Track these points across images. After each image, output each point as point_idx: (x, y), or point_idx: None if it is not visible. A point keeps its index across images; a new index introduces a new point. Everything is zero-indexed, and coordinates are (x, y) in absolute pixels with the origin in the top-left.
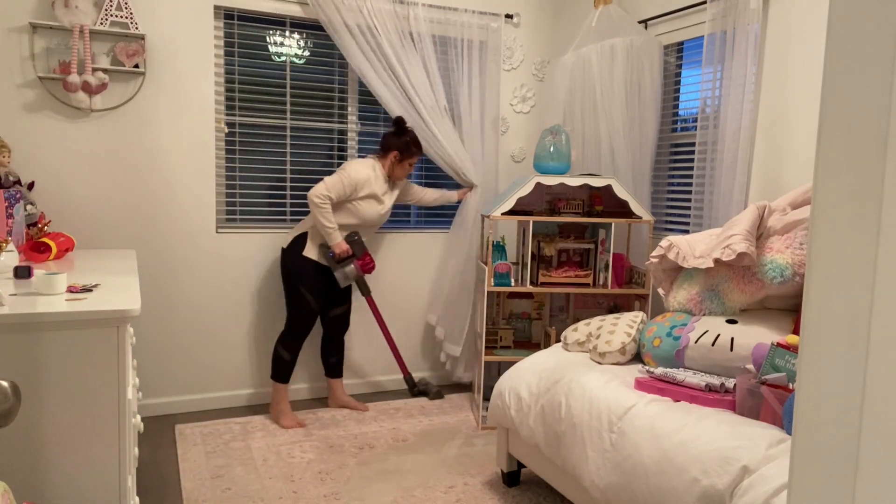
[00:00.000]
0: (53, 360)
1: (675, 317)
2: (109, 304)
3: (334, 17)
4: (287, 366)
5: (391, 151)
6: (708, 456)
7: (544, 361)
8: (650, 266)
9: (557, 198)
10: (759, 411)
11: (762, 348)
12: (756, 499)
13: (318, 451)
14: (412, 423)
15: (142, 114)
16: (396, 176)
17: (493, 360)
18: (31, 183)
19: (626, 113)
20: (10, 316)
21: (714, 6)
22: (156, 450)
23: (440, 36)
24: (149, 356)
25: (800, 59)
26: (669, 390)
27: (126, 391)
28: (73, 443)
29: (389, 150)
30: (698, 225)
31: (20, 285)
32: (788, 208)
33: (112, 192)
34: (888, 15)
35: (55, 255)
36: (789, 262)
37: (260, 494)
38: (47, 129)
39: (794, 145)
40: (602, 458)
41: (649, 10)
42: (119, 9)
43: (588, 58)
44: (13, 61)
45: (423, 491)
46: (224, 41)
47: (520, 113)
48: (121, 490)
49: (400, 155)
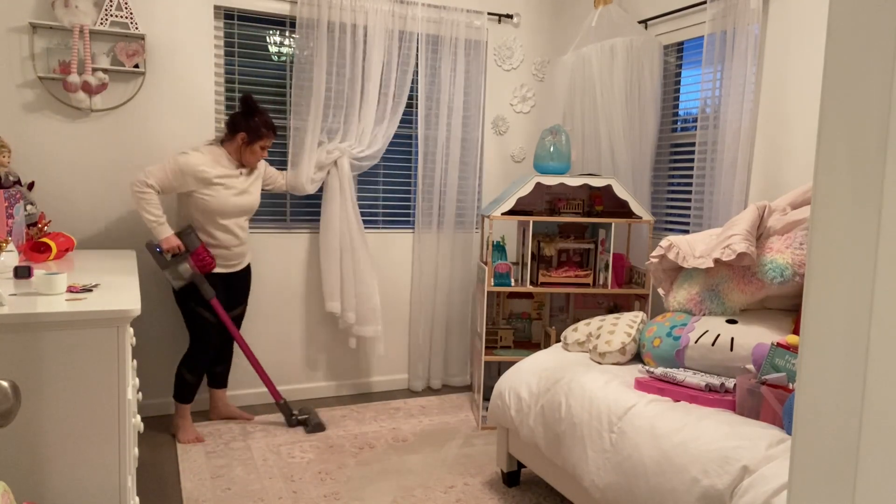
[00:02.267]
0: (53, 360)
1: (675, 317)
2: (109, 304)
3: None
4: (191, 388)
5: (238, 133)
6: (708, 456)
7: (544, 361)
8: (650, 266)
9: (557, 198)
10: (759, 411)
11: (762, 348)
12: (756, 499)
13: (318, 451)
14: (412, 423)
15: (142, 114)
16: (247, 162)
17: (493, 360)
18: (31, 183)
19: (626, 113)
20: (10, 316)
21: (714, 6)
22: (156, 450)
23: (434, 35)
24: (149, 356)
25: (800, 59)
26: (669, 390)
27: (126, 391)
28: (73, 443)
29: (236, 131)
30: (698, 225)
31: (20, 285)
32: (788, 208)
33: (112, 192)
34: (888, 15)
35: (55, 255)
36: (789, 262)
37: (260, 494)
38: (47, 129)
39: (794, 145)
40: (602, 458)
41: (649, 10)
42: (119, 9)
43: (588, 58)
44: (13, 61)
45: (423, 491)
46: (224, 41)
47: (520, 113)
48: (121, 490)
49: (248, 137)
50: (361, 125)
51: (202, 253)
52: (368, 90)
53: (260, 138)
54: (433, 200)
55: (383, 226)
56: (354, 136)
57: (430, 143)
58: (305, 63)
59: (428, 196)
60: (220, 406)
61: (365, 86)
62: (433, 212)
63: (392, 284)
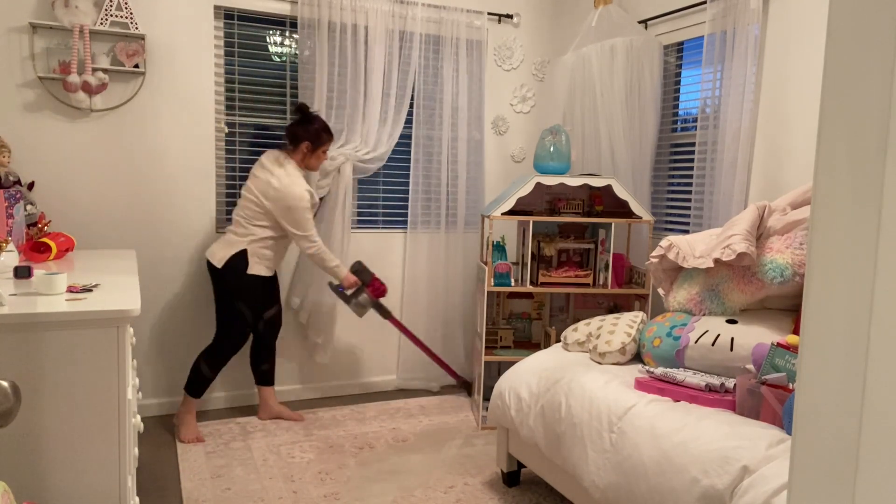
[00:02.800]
0: (53, 360)
1: (675, 317)
2: (109, 304)
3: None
4: (206, 382)
5: (302, 142)
6: (708, 456)
7: (544, 361)
8: (650, 266)
9: (557, 198)
10: (759, 411)
11: (762, 348)
12: (756, 499)
13: (318, 451)
14: (412, 423)
15: (142, 114)
16: (311, 167)
17: (493, 360)
18: (31, 183)
19: (626, 113)
20: (10, 316)
21: (714, 6)
22: (156, 450)
23: (434, 35)
24: (149, 356)
25: (800, 59)
26: (669, 390)
27: (126, 391)
28: (73, 443)
29: (299, 141)
30: (698, 225)
31: (20, 285)
32: (788, 208)
33: (112, 192)
34: (888, 15)
35: (55, 255)
36: (789, 262)
37: (260, 494)
38: (47, 129)
39: (794, 145)
40: (602, 458)
41: (649, 10)
42: (119, 9)
43: (588, 58)
44: (13, 61)
45: (423, 491)
46: (224, 41)
47: (520, 113)
48: (121, 490)
49: (312, 145)
50: (366, 126)
51: (376, 283)
52: (371, 90)
53: (322, 143)
54: (432, 200)
55: (383, 226)
56: (359, 137)
57: (430, 143)
58: (307, 63)
59: (427, 196)
60: (271, 404)
61: (367, 86)
62: (432, 212)
63: (391, 284)
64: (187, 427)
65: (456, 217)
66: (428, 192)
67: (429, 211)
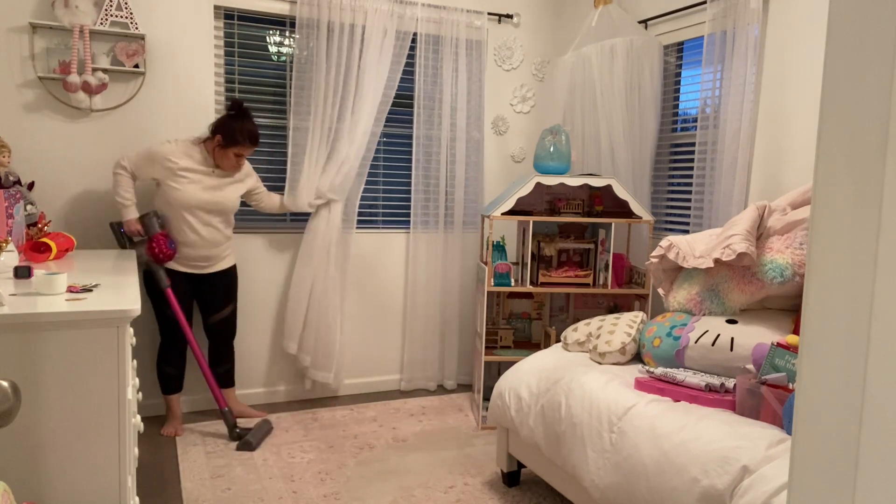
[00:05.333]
0: (53, 360)
1: (675, 317)
2: (109, 304)
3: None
4: (171, 378)
5: (216, 134)
6: (708, 456)
7: (544, 361)
8: (650, 266)
9: (557, 198)
10: (759, 411)
11: (762, 348)
12: (756, 499)
13: (318, 451)
14: (412, 423)
15: (142, 114)
16: (222, 166)
17: (493, 360)
18: (31, 183)
19: (626, 113)
20: (10, 316)
21: (714, 6)
22: (156, 450)
23: (434, 35)
24: (149, 356)
25: (800, 59)
26: (669, 390)
27: (126, 391)
28: (73, 443)
29: (215, 132)
30: (698, 225)
31: (20, 285)
32: (788, 208)
33: (112, 192)
34: (888, 15)
35: (55, 255)
36: (789, 262)
37: (260, 494)
38: (47, 129)
39: (794, 145)
40: (602, 458)
41: (649, 10)
42: (119, 9)
43: (588, 58)
44: (13, 61)
45: (423, 491)
46: (224, 41)
47: (520, 113)
48: (121, 490)
49: (223, 140)
50: (356, 122)
51: (160, 240)
52: (365, 89)
53: (235, 145)
54: (432, 200)
55: (383, 226)
56: (346, 136)
57: (430, 143)
58: (305, 63)
59: (427, 196)
60: (232, 405)
61: (365, 85)
62: (431, 212)
63: (391, 284)
64: (168, 422)
65: (455, 217)
66: (427, 191)
67: (428, 211)
